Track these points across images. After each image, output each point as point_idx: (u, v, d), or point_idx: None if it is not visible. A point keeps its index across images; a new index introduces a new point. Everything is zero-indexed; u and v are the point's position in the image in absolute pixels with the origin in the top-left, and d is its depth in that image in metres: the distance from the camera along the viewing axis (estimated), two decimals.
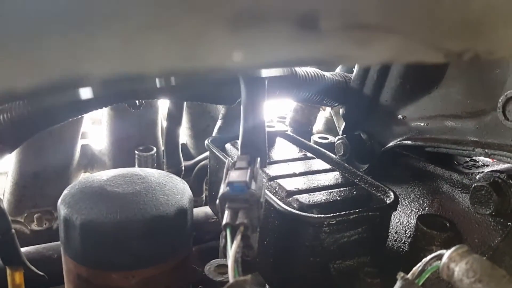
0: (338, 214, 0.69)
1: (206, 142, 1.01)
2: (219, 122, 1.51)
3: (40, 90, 0.20)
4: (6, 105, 0.74)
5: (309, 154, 0.98)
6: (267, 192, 0.75)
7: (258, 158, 0.65)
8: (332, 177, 0.85)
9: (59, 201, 0.81)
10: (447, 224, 0.76)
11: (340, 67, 1.12)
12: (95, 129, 1.90)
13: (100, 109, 0.83)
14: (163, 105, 1.65)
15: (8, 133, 0.77)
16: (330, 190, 0.79)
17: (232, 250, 0.50)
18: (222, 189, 0.58)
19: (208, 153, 1.05)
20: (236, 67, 0.25)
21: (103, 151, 1.63)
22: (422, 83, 0.85)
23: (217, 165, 0.98)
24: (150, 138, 1.61)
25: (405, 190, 0.91)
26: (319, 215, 0.69)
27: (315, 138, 1.25)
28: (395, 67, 0.89)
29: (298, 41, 0.25)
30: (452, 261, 0.45)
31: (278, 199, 0.73)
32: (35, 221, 1.42)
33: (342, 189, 0.80)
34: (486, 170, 0.81)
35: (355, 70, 0.99)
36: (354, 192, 0.79)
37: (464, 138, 0.76)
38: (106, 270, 0.77)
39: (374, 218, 0.73)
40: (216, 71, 0.24)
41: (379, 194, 0.80)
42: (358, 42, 0.26)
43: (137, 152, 1.46)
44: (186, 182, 0.91)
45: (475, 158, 0.90)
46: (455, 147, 0.77)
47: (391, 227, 0.85)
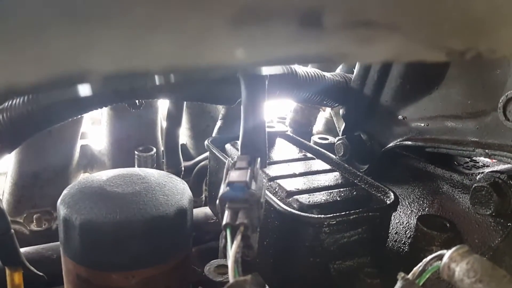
0: (338, 214, 0.69)
1: (206, 142, 1.01)
2: (219, 123, 1.51)
3: (43, 86, 0.20)
4: (5, 104, 0.74)
5: (309, 155, 0.98)
6: (267, 192, 0.75)
7: (258, 159, 0.65)
8: (332, 177, 0.85)
9: (59, 201, 0.80)
10: (447, 224, 0.76)
11: (340, 68, 1.12)
12: (95, 129, 1.90)
13: (100, 108, 0.83)
14: (163, 105, 1.65)
15: (7, 132, 0.76)
16: (330, 191, 0.79)
17: (232, 250, 0.50)
18: (222, 189, 0.58)
19: (208, 153, 1.05)
20: (238, 64, 0.25)
21: (103, 151, 1.62)
22: (423, 84, 0.85)
23: (217, 165, 0.98)
24: (150, 138, 1.61)
25: (405, 191, 0.91)
26: (319, 216, 0.69)
27: (315, 138, 1.25)
28: (396, 68, 0.89)
29: (300, 38, 0.25)
30: (452, 261, 0.45)
31: (278, 200, 0.73)
32: (34, 221, 1.42)
33: (342, 189, 0.80)
34: (487, 170, 0.81)
35: (356, 71, 0.99)
36: (354, 192, 0.79)
37: (464, 138, 0.76)
38: (105, 270, 0.77)
39: (374, 219, 0.73)
40: (218, 68, 0.24)
41: (379, 195, 0.80)
42: (361, 40, 0.26)
43: (136, 152, 1.46)
44: (185, 183, 0.91)
45: (475, 158, 0.90)
46: (456, 148, 0.77)
47: (391, 228, 0.85)
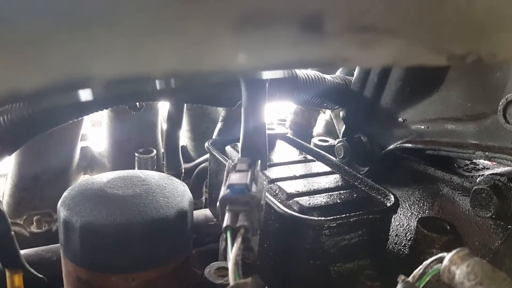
0: (338, 216, 0.69)
1: (206, 144, 1.01)
2: (219, 125, 1.51)
3: (45, 91, 0.20)
4: (6, 106, 0.74)
5: (309, 157, 0.98)
6: (267, 194, 0.75)
7: (259, 161, 0.65)
8: (332, 179, 0.85)
9: (59, 203, 0.80)
10: (448, 227, 0.76)
11: (340, 70, 1.12)
12: (95, 131, 1.90)
13: (100, 110, 0.83)
14: (163, 107, 1.65)
15: (8, 134, 0.76)
16: (330, 193, 0.78)
17: (232, 253, 0.50)
18: (223, 191, 0.58)
19: (208, 155, 1.05)
20: (240, 69, 0.25)
21: (103, 153, 1.62)
22: (423, 86, 0.85)
23: (217, 167, 0.98)
24: (150, 140, 1.61)
25: (405, 193, 0.91)
26: (320, 218, 0.69)
27: (315, 140, 1.25)
28: (396, 70, 0.89)
29: (302, 43, 0.25)
30: (453, 264, 0.45)
31: (279, 202, 0.73)
32: (35, 223, 1.42)
33: (342, 191, 0.79)
34: (487, 173, 0.81)
35: (356, 73, 0.99)
36: (355, 194, 0.79)
37: (464, 141, 0.76)
38: (106, 272, 0.77)
39: (374, 221, 0.73)
40: (221, 73, 0.24)
41: (380, 197, 0.80)
42: (362, 45, 0.26)
43: (137, 154, 1.46)
44: (186, 185, 0.91)
45: (476, 161, 0.90)
46: (456, 150, 0.77)
47: (392, 230, 0.85)
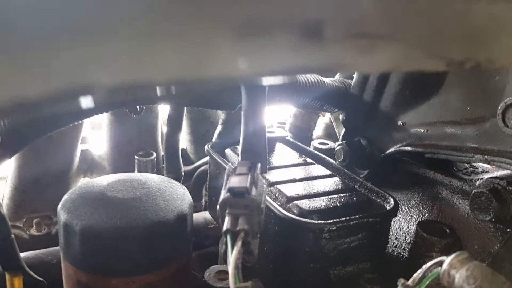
0: (338, 220, 0.69)
1: (206, 147, 1.01)
2: (219, 128, 1.51)
3: (49, 98, 0.21)
4: None
5: (309, 160, 0.98)
6: (267, 198, 0.75)
7: (259, 164, 0.65)
8: (332, 183, 0.85)
9: (59, 206, 0.80)
10: (447, 230, 0.76)
11: (339, 73, 1.13)
12: (95, 134, 1.90)
13: (101, 114, 0.83)
14: (163, 110, 1.66)
15: (8, 138, 0.77)
16: (330, 196, 0.79)
17: (232, 256, 0.50)
18: (223, 195, 0.58)
19: (207, 158, 1.05)
20: (241, 76, 0.25)
21: (103, 156, 1.62)
22: (422, 90, 0.85)
23: (217, 170, 0.98)
24: (150, 143, 1.61)
25: (405, 196, 0.91)
26: (320, 221, 0.70)
27: (315, 143, 1.26)
28: (395, 74, 0.89)
29: (302, 49, 0.25)
30: (452, 267, 0.45)
31: (278, 205, 0.73)
32: (34, 226, 1.41)
33: (342, 195, 0.80)
34: (486, 176, 0.82)
35: (355, 77, 0.99)
36: (354, 198, 0.79)
37: (463, 144, 0.76)
38: (106, 276, 0.77)
39: (374, 224, 0.73)
40: (221, 80, 0.24)
41: (379, 200, 0.80)
42: (361, 51, 0.26)
43: (136, 157, 1.46)
44: (186, 188, 0.91)
45: (475, 164, 0.90)
46: (455, 154, 0.77)
47: (391, 233, 0.85)
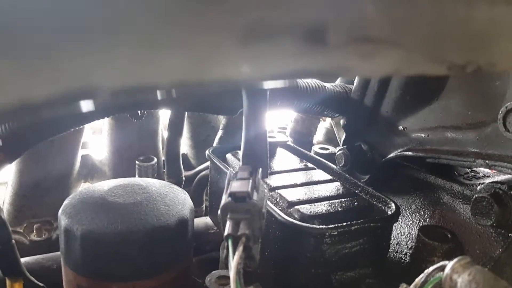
0: (339, 225, 0.69)
1: (207, 152, 1.01)
2: (220, 132, 1.51)
3: (54, 102, 0.21)
4: None
5: (310, 165, 0.98)
6: (268, 202, 0.75)
7: (260, 169, 0.65)
8: (333, 187, 0.85)
9: (60, 211, 0.80)
10: (449, 235, 0.76)
11: (340, 78, 1.13)
12: (96, 138, 1.90)
13: (102, 119, 0.84)
14: (164, 115, 1.66)
15: (9, 142, 0.77)
16: (331, 201, 0.79)
17: (234, 261, 0.50)
18: (224, 199, 0.58)
19: (208, 163, 1.05)
20: (244, 79, 0.25)
21: (104, 161, 1.62)
22: (423, 95, 0.86)
23: (218, 175, 0.98)
24: (151, 148, 1.61)
25: (406, 201, 0.91)
26: (321, 226, 0.69)
27: (316, 148, 1.26)
28: (396, 79, 0.89)
29: (305, 54, 0.25)
30: (454, 272, 0.45)
31: (280, 210, 0.73)
32: (35, 231, 1.41)
33: (343, 199, 0.80)
34: (487, 181, 0.82)
35: (356, 82, 0.99)
36: (355, 203, 0.79)
37: (464, 149, 0.76)
38: (106, 281, 0.77)
39: (375, 229, 0.73)
40: (225, 83, 0.24)
41: (380, 205, 0.80)
42: (363, 55, 0.27)
43: (137, 162, 1.46)
44: (187, 193, 0.91)
45: (476, 169, 0.90)
46: (456, 158, 0.77)
47: (393, 238, 0.84)
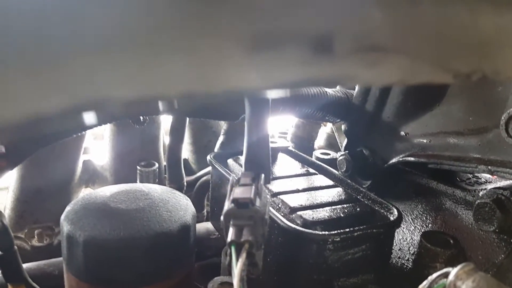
0: (342, 231, 0.69)
1: (209, 157, 1.01)
2: (221, 138, 1.51)
3: (66, 113, 0.21)
4: None
5: (311, 170, 0.98)
6: (270, 208, 0.75)
7: (262, 175, 0.65)
8: (335, 193, 0.85)
9: (62, 217, 0.80)
10: (451, 241, 0.76)
11: None
12: (97, 144, 1.90)
13: (104, 125, 0.84)
14: (165, 120, 1.66)
15: (11, 150, 0.77)
16: (333, 207, 0.78)
17: (237, 268, 0.50)
18: (227, 205, 0.58)
19: (209, 168, 1.05)
20: (251, 89, 0.26)
21: (105, 167, 1.62)
22: (424, 100, 0.86)
23: (219, 180, 0.98)
24: (152, 153, 1.61)
25: (408, 207, 0.91)
26: (323, 232, 0.69)
27: (317, 153, 1.25)
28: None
29: (312, 63, 0.25)
30: (458, 279, 0.45)
31: (282, 216, 0.73)
32: (36, 237, 1.41)
33: (345, 205, 0.79)
34: (489, 187, 0.81)
35: (357, 87, 1.00)
36: (358, 208, 0.79)
37: (466, 155, 0.76)
38: (108, 287, 0.77)
39: (378, 235, 0.73)
40: (232, 93, 0.24)
41: (383, 211, 0.80)
42: (370, 64, 0.27)
43: (139, 167, 1.46)
44: (188, 198, 0.91)
45: (478, 174, 0.90)
46: (458, 164, 0.77)
47: (395, 244, 0.84)
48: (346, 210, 0.78)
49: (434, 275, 0.47)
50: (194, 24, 0.23)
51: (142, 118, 0.92)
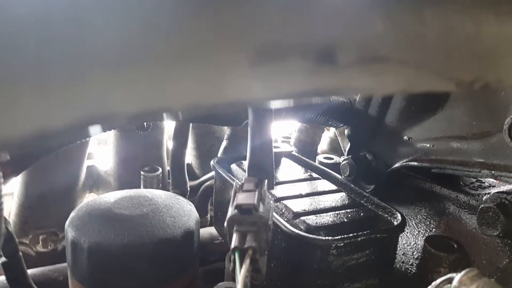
0: (346, 236, 0.69)
1: (212, 162, 1.01)
2: (225, 143, 1.52)
3: (73, 128, 0.21)
4: None
5: (314, 175, 0.98)
6: (274, 213, 0.75)
7: (266, 180, 0.65)
8: (338, 198, 0.85)
9: (67, 223, 0.81)
10: (455, 245, 0.75)
11: None
12: (101, 149, 1.90)
13: (108, 131, 0.84)
14: (169, 125, 1.66)
15: (16, 156, 0.77)
16: (337, 212, 0.78)
17: (241, 275, 0.50)
18: (230, 211, 0.58)
19: (213, 173, 1.05)
20: (256, 100, 0.26)
21: (109, 172, 1.63)
22: (427, 105, 0.86)
23: (222, 185, 0.99)
24: (156, 158, 1.61)
25: (411, 211, 0.91)
26: (327, 237, 0.69)
27: (320, 158, 1.25)
28: None
29: (316, 74, 0.26)
30: (462, 284, 0.45)
31: (285, 221, 0.73)
32: (40, 242, 1.41)
33: (349, 210, 0.79)
34: (493, 191, 0.81)
35: None
36: (361, 213, 0.79)
37: (470, 159, 0.76)
38: None
39: (381, 240, 0.73)
40: (237, 104, 0.25)
41: (386, 216, 0.80)
42: (373, 74, 0.27)
43: (142, 172, 1.47)
44: (192, 203, 0.92)
45: (481, 179, 0.90)
46: (461, 168, 0.77)
47: (399, 249, 0.84)
48: (349, 215, 0.78)
49: (438, 281, 0.47)
50: (200, 38, 0.23)
51: (145, 124, 0.92)
